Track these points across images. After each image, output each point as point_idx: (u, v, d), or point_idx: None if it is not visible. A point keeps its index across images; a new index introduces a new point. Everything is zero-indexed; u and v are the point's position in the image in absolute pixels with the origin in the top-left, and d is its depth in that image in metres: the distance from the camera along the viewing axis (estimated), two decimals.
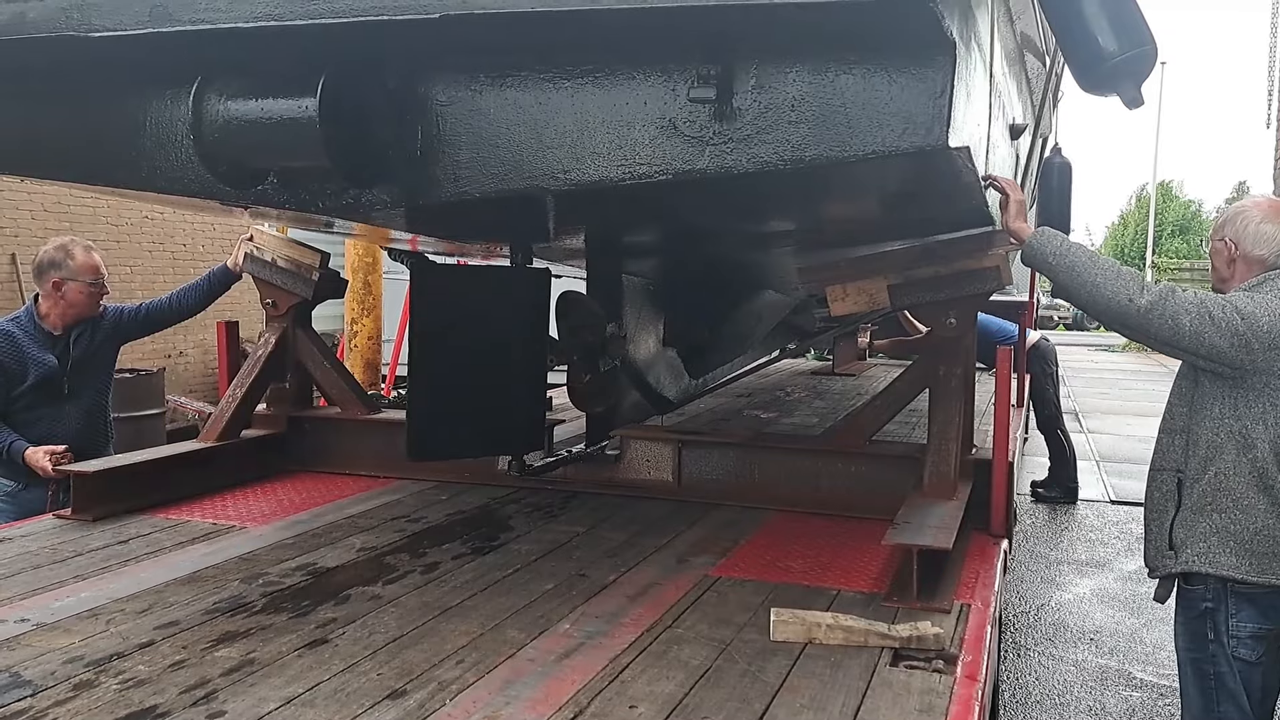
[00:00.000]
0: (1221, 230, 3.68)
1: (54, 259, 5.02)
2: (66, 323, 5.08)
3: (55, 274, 5.01)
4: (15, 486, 4.94)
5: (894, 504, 4.07)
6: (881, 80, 2.41)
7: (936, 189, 3.35)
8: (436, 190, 2.84)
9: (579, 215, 4.14)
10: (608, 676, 2.80)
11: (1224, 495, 3.44)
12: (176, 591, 3.48)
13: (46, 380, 4.99)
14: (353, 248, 9.89)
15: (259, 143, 2.74)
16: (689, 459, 4.98)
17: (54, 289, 5.02)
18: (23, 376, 4.93)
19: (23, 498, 4.92)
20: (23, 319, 5.06)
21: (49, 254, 5.05)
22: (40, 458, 4.75)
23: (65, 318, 5.07)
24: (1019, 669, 6.29)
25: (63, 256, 5.02)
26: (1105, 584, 8.10)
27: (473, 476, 5.18)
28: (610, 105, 2.63)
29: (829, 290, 4.41)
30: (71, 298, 5.05)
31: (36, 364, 4.96)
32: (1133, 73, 3.41)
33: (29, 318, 5.06)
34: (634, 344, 5.73)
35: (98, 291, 5.14)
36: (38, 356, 4.97)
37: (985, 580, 3.64)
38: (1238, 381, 3.43)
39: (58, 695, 2.62)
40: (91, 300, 5.12)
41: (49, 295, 5.04)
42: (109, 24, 2.66)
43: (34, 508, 4.79)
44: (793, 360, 11.07)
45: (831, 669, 2.85)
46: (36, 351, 4.98)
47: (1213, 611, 3.51)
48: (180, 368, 13.98)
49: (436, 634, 3.11)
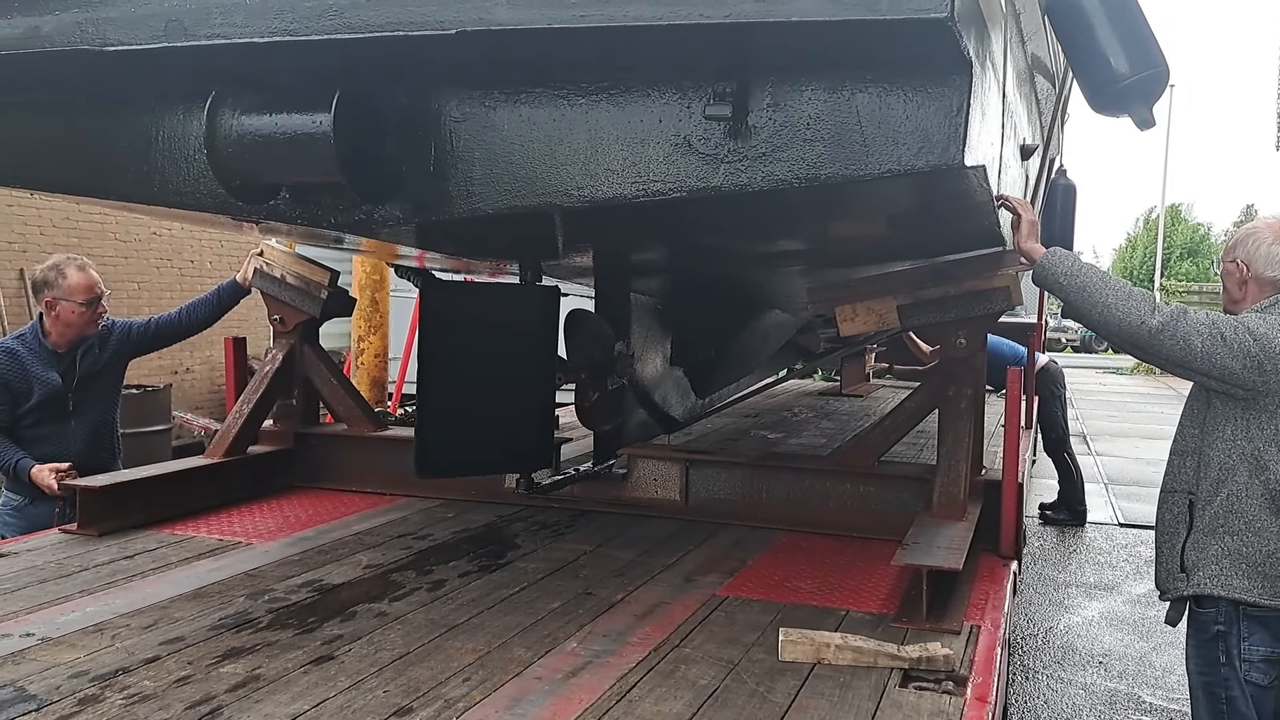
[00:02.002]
0: (1233, 251, 3.67)
1: (46, 279, 4.98)
2: (68, 339, 5.05)
3: (48, 293, 4.97)
4: (22, 501, 4.94)
5: (903, 525, 4.05)
6: (897, 99, 2.41)
7: (950, 208, 3.34)
8: (449, 206, 2.83)
9: (589, 233, 4.13)
10: (615, 696, 2.78)
11: (1236, 517, 3.43)
12: (182, 607, 3.47)
13: (51, 398, 4.98)
14: (360, 265, 9.88)
15: (272, 158, 2.74)
16: (696, 478, 4.97)
17: (48, 309, 4.99)
18: (28, 394, 4.93)
19: (29, 512, 4.92)
20: (28, 336, 5.05)
21: (42, 273, 5.01)
22: (45, 475, 4.74)
23: (64, 336, 5.04)
24: (1028, 692, 6.25)
25: (55, 276, 4.97)
26: (1114, 607, 8.05)
27: (480, 494, 5.17)
28: (625, 122, 2.62)
29: (838, 310, 4.41)
30: (65, 318, 5.00)
31: (40, 382, 4.95)
32: (1144, 94, 3.42)
33: (34, 335, 5.04)
34: (641, 363, 5.72)
35: (92, 311, 5.06)
36: (41, 375, 4.96)
37: (995, 601, 3.62)
38: (1250, 403, 3.41)
39: (63, 710, 2.61)
40: (86, 319, 5.05)
41: (46, 314, 5.02)
42: (123, 38, 2.67)
43: (40, 522, 4.79)
44: (800, 381, 11.05)
45: (840, 690, 2.83)
46: (40, 369, 4.97)
47: (1225, 634, 3.49)
48: (187, 384, 13.99)
49: (443, 651, 3.09)
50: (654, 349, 6.10)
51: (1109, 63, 3.32)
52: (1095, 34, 3.30)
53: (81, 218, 12.24)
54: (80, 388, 5.11)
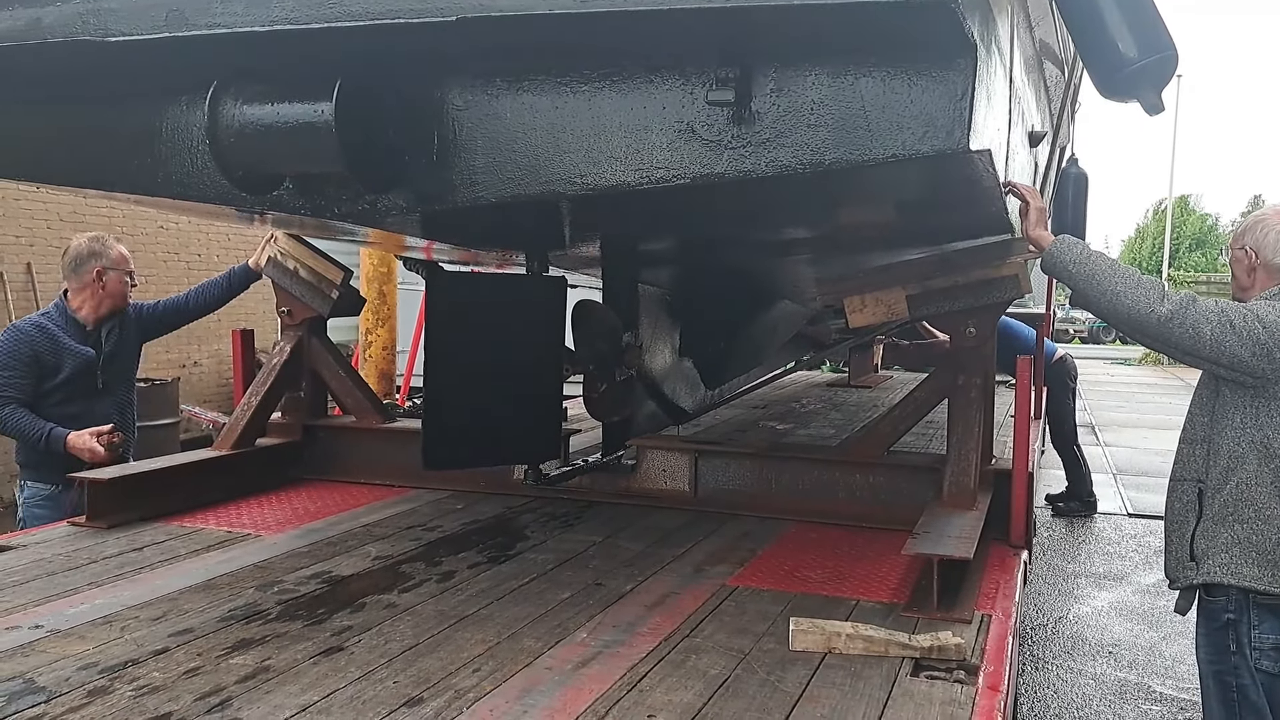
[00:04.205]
0: (1242, 239, 3.66)
1: (93, 249, 5.14)
2: (100, 315, 5.15)
3: (96, 263, 5.11)
4: (53, 489, 4.94)
5: (912, 515, 4.04)
6: (902, 83, 2.39)
7: (957, 194, 3.33)
8: (452, 195, 2.82)
9: (595, 222, 4.12)
10: (625, 686, 2.77)
11: (1246, 505, 3.41)
12: (191, 599, 3.47)
13: (82, 372, 5.04)
14: (368, 257, 9.87)
15: (274, 148, 2.73)
16: (705, 469, 4.96)
17: (96, 278, 5.10)
18: (57, 369, 4.97)
19: (61, 499, 4.92)
20: (53, 314, 5.12)
21: (86, 245, 5.15)
22: (85, 439, 4.79)
23: (100, 309, 5.15)
24: (1037, 682, 6.24)
25: (101, 247, 5.15)
26: (1123, 597, 8.03)
27: (488, 486, 5.17)
28: (627, 109, 2.60)
29: (847, 301, 4.40)
30: (111, 287, 5.16)
31: (73, 354, 5.01)
32: (1153, 78, 3.39)
33: (60, 313, 5.12)
34: (650, 354, 5.71)
35: (131, 282, 5.28)
36: (74, 348, 5.04)
37: (1006, 591, 3.60)
38: (1259, 391, 3.40)
39: (72, 702, 2.61)
40: (126, 291, 5.26)
41: (87, 286, 5.12)
42: (125, 29, 2.66)
43: (74, 509, 4.74)
44: (808, 372, 11.04)
45: (852, 679, 2.82)
46: (72, 343, 5.05)
47: (1235, 623, 3.47)
48: (195, 378, 14.00)
49: (452, 642, 3.09)
50: (662, 340, 6.09)
51: (1117, 47, 3.29)
52: (1103, 17, 3.27)
53: (88, 211, 12.24)
54: (108, 363, 5.18)
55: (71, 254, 5.15)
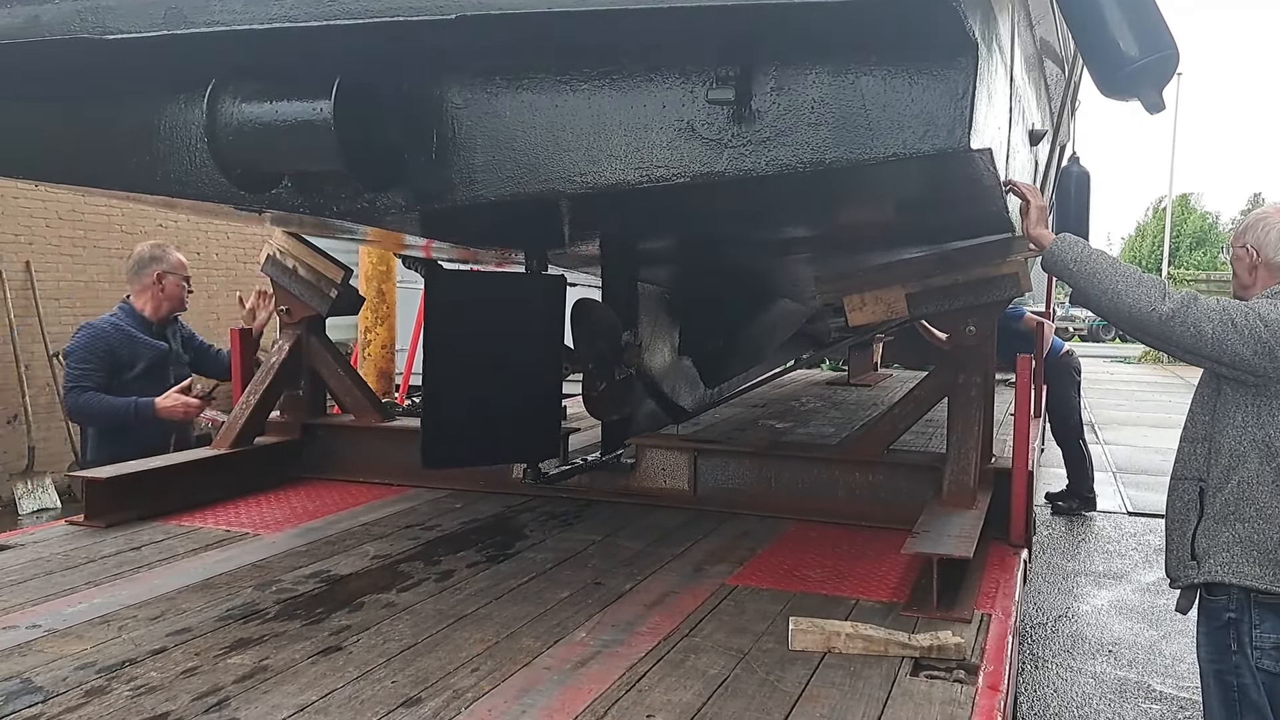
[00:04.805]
0: (1243, 237, 3.65)
1: (154, 254, 5.51)
2: (160, 316, 5.48)
3: (157, 267, 5.47)
4: None
5: (912, 514, 4.03)
6: (902, 81, 2.38)
7: (958, 193, 3.32)
8: (451, 194, 2.81)
9: (594, 221, 4.11)
10: (625, 685, 2.76)
11: (1247, 504, 3.40)
12: (189, 598, 3.46)
13: (157, 364, 5.37)
14: (367, 256, 9.85)
15: (273, 146, 2.72)
16: (705, 468, 4.95)
17: (156, 281, 5.46)
18: (132, 363, 5.28)
19: None
20: (121, 315, 5.41)
21: (148, 251, 5.54)
22: (173, 398, 5.14)
23: (160, 310, 5.48)
24: (1037, 681, 6.24)
25: (161, 253, 5.53)
26: (1123, 595, 8.03)
27: (487, 485, 5.16)
28: (627, 107, 2.60)
29: (847, 300, 4.39)
30: (170, 290, 5.51)
31: (148, 348, 5.35)
32: (1154, 77, 3.38)
33: (128, 314, 5.43)
34: (649, 352, 5.70)
35: (187, 287, 5.65)
36: (149, 342, 5.37)
37: (1005, 590, 3.60)
38: (1261, 389, 3.39)
39: (69, 702, 2.61)
40: (183, 294, 5.61)
41: (148, 289, 5.44)
42: (123, 26, 2.65)
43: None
44: (807, 371, 11.03)
45: (851, 679, 2.81)
46: (146, 338, 5.37)
47: (1236, 622, 3.47)
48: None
49: (451, 642, 3.08)
50: (662, 338, 6.08)
51: (1118, 45, 3.28)
52: (1104, 16, 3.27)
53: (87, 210, 12.21)
54: (176, 359, 5.53)
55: (134, 259, 5.50)
